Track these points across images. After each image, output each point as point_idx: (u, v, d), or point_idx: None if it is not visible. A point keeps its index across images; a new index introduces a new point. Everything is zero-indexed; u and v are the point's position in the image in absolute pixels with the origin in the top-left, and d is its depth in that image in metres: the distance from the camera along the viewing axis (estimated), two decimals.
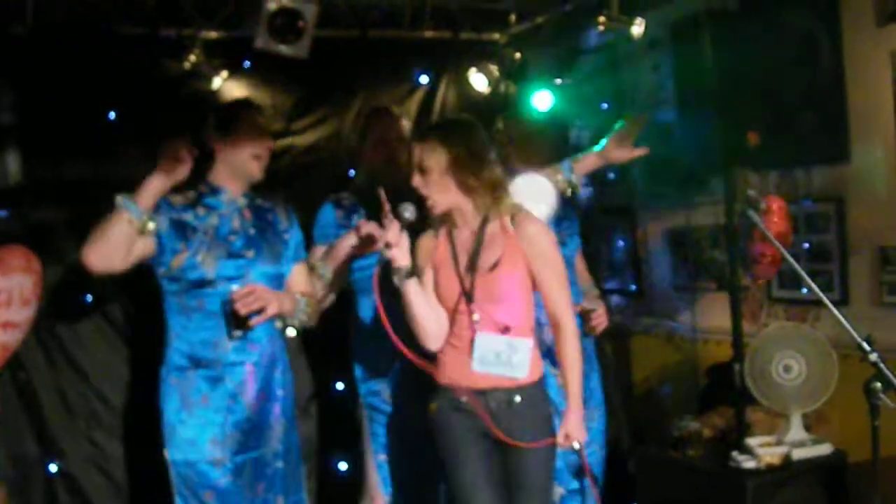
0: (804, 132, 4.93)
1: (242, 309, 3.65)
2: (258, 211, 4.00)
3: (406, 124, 4.41)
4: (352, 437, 4.57)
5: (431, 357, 3.63)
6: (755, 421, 4.70)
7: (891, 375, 2.40)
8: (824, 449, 4.54)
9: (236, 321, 3.74)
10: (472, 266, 3.47)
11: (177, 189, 3.76)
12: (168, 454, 3.79)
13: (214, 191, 3.89)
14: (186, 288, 3.76)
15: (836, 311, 2.59)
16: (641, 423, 5.88)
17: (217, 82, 5.00)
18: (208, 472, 3.76)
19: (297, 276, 4.06)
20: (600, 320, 4.46)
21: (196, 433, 3.76)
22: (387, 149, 4.30)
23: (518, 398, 3.45)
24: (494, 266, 3.46)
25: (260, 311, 3.66)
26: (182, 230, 3.76)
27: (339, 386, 5.13)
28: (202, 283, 3.75)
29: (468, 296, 3.46)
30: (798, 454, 4.46)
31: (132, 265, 3.66)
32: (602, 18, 4.96)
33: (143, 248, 3.66)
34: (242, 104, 4.16)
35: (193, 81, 4.95)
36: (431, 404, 3.60)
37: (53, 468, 4.72)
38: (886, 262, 4.59)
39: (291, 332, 3.94)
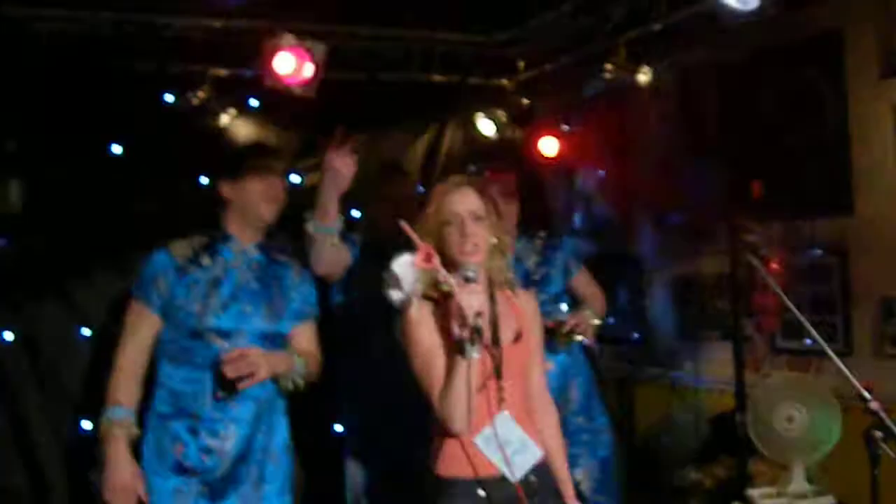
0: (808, 183, 4.95)
1: (230, 373, 3.56)
2: (269, 265, 3.90)
3: (414, 182, 4.44)
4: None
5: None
6: (757, 472, 4.67)
7: (891, 424, 2.38)
8: (826, 501, 4.50)
9: (223, 383, 3.64)
10: (496, 338, 3.11)
11: (184, 235, 3.76)
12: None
13: (225, 238, 3.81)
14: (178, 337, 3.69)
15: (835, 358, 2.58)
16: (643, 472, 5.83)
17: (225, 119, 5.02)
18: None
19: (302, 334, 3.95)
20: (583, 327, 4.27)
21: (168, 483, 3.66)
22: (394, 207, 4.18)
23: (533, 478, 3.11)
24: (517, 338, 3.19)
25: (250, 375, 3.59)
26: (184, 285, 3.70)
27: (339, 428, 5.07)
28: (195, 334, 3.68)
29: (498, 371, 3.06)
30: None
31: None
32: (609, 66, 4.99)
33: (153, 334, 3.70)
34: (249, 147, 4.13)
35: (201, 118, 4.96)
36: None
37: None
38: (889, 314, 4.59)
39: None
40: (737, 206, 4.93)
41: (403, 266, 3.12)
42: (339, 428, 4.80)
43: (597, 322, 4.46)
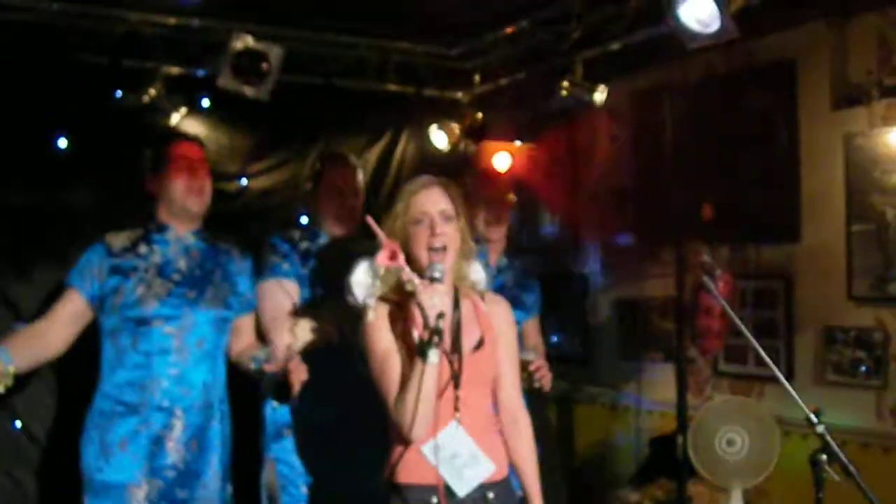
0: (757, 209, 4.98)
1: (296, 380, 3.48)
2: (209, 252, 3.88)
3: (361, 175, 4.30)
4: None
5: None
6: (696, 494, 4.67)
7: (836, 448, 2.39)
8: None
9: (279, 393, 3.63)
10: (456, 344, 3.00)
11: (120, 228, 3.72)
12: (85, 502, 3.64)
13: (160, 228, 3.78)
14: (122, 326, 3.64)
15: (783, 380, 2.59)
16: (582, 492, 5.82)
17: (175, 118, 4.95)
18: None
19: (248, 325, 3.95)
20: (544, 373, 4.06)
21: (114, 479, 3.59)
22: (340, 198, 4.10)
23: (491, 495, 3.00)
24: (479, 346, 3.07)
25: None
26: (122, 273, 3.66)
27: None
28: (139, 321, 3.64)
29: (456, 379, 2.95)
30: None
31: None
32: (565, 83, 5.00)
33: (81, 320, 3.67)
34: (170, 136, 4.06)
35: (151, 115, 4.89)
36: None
37: None
38: (831, 341, 4.63)
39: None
40: (686, 229, 4.95)
41: (362, 271, 3.06)
42: None
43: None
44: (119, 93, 4.80)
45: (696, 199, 5.09)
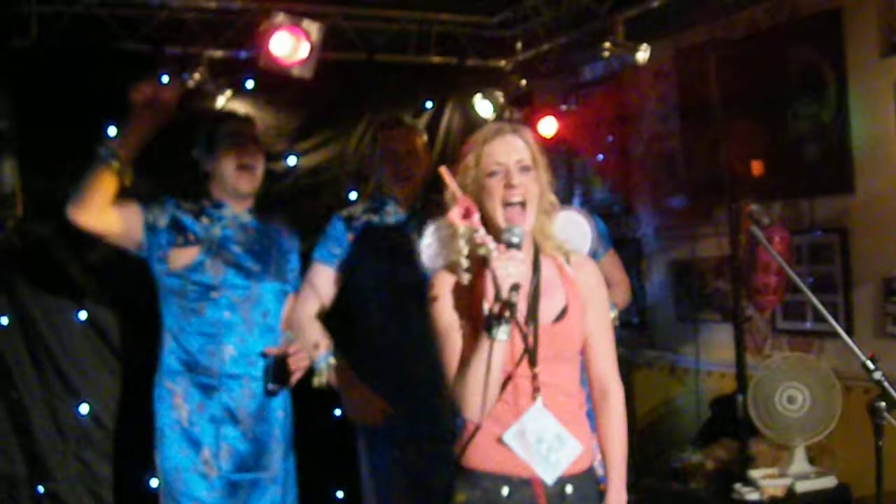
0: (808, 163, 4.92)
1: (294, 364, 3.68)
2: (263, 229, 3.96)
3: (422, 137, 4.26)
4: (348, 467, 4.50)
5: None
6: (759, 453, 4.65)
7: (895, 393, 2.36)
8: (828, 482, 4.48)
9: (277, 375, 3.72)
10: (534, 316, 2.71)
11: (185, 199, 3.81)
12: (158, 459, 3.73)
13: (217, 205, 3.86)
14: (188, 290, 3.73)
15: (840, 330, 2.56)
16: (644, 456, 5.81)
17: (221, 101, 4.99)
18: (195, 482, 3.69)
19: (290, 304, 4.02)
20: None
21: (189, 441, 3.71)
22: (399, 161, 4.07)
23: (570, 489, 2.73)
24: (561, 316, 2.77)
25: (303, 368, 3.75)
26: (182, 230, 3.74)
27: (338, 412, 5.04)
28: (207, 288, 3.72)
29: (532, 355, 2.66)
30: (802, 487, 4.41)
31: (118, 237, 3.65)
32: (607, 44, 4.96)
33: (130, 222, 3.64)
34: (222, 116, 4.13)
35: (197, 100, 4.92)
36: (458, 495, 2.77)
37: (41, 489, 4.61)
38: (890, 292, 4.56)
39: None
40: (737, 187, 4.90)
41: (431, 234, 2.82)
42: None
43: (614, 314, 4.32)
44: (165, 79, 4.83)
45: (746, 155, 5.03)
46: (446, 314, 2.72)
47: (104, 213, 3.52)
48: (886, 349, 4.46)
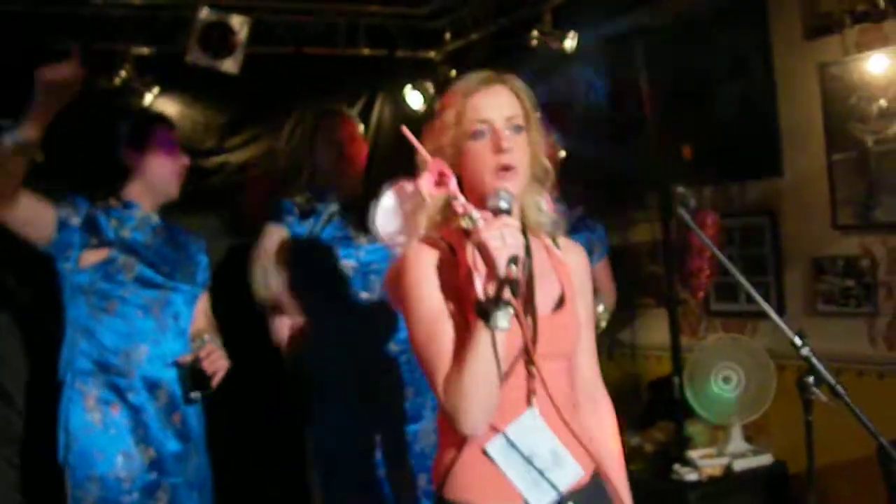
0: (737, 146, 4.98)
1: (210, 367, 3.58)
2: (171, 231, 3.89)
3: (358, 125, 4.36)
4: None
5: None
6: (695, 433, 4.71)
7: (822, 369, 2.40)
8: (765, 459, 4.56)
9: (196, 382, 3.62)
10: (531, 303, 2.22)
11: (96, 198, 3.70)
12: (67, 467, 3.56)
13: (126, 206, 3.75)
14: (98, 288, 3.61)
15: (769, 309, 2.58)
16: None
17: (148, 98, 4.91)
18: (115, 488, 3.54)
19: (201, 305, 3.97)
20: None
21: (104, 444, 3.57)
22: (341, 149, 4.23)
23: None
24: (559, 305, 2.33)
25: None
26: (96, 230, 3.62)
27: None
28: (117, 285, 3.62)
29: (529, 350, 2.17)
30: (739, 465, 4.48)
31: (25, 225, 3.45)
32: (535, 33, 4.98)
33: (40, 211, 3.47)
34: (158, 118, 4.06)
35: (124, 97, 4.85)
36: None
37: None
38: (820, 272, 4.63)
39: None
40: (667, 172, 4.94)
41: (388, 207, 2.42)
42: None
43: (603, 323, 4.45)
44: (91, 76, 4.76)
45: (676, 141, 5.08)
46: (430, 297, 2.20)
47: (14, 196, 3.36)
48: (817, 327, 4.54)
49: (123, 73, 4.78)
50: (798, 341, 2.43)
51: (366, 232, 4.21)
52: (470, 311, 2.10)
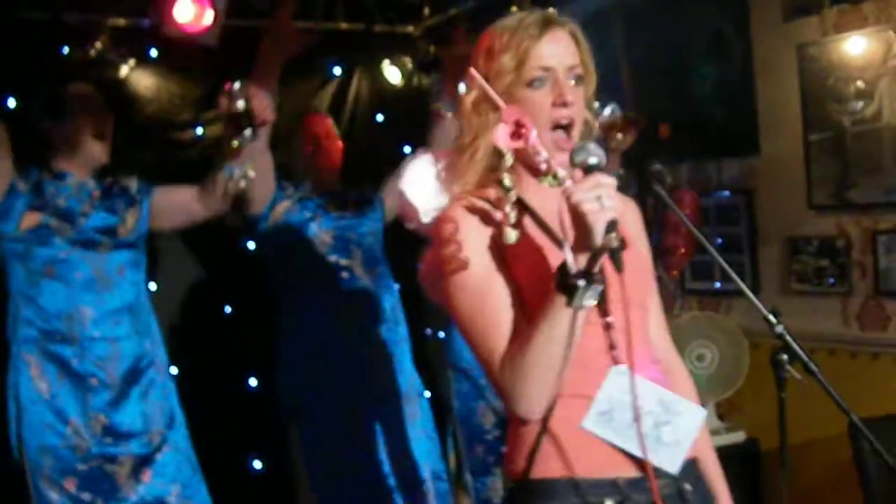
0: (715, 125, 5.00)
1: (259, 109, 3.41)
2: (111, 192, 3.81)
3: (332, 122, 4.50)
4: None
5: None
6: None
7: (796, 346, 2.41)
8: (738, 437, 4.60)
9: (244, 121, 3.40)
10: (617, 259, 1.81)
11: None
12: (22, 437, 3.50)
13: (58, 176, 3.69)
14: (33, 254, 3.55)
15: (743, 287, 2.59)
16: None
17: (124, 71, 4.86)
18: (69, 457, 3.48)
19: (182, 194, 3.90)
20: None
21: (54, 414, 3.50)
22: (318, 144, 4.31)
23: (688, 486, 1.99)
24: (623, 246, 1.83)
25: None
26: (41, 196, 3.59)
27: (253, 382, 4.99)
28: (52, 251, 3.56)
29: (602, 295, 1.83)
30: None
31: None
32: (514, 8, 4.94)
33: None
34: (66, 78, 3.98)
35: (99, 70, 4.79)
36: None
37: None
38: (795, 251, 4.67)
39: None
40: (644, 149, 4.95)
41: (418, 175, 2.33)
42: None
43: None
44: (65, 49, 4.71)
45: (654, 118, 5.08)
46: (478, 265, 1.95)
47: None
48: (791, 305, 4.58)
49: (99, 45, 4.72)
50: (772, 319, 2.44)
51: (342, 207, 4.23)
52: (527, 287, 1.91)
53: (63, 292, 3.56)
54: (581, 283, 1.72)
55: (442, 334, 5.00)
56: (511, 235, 1.87)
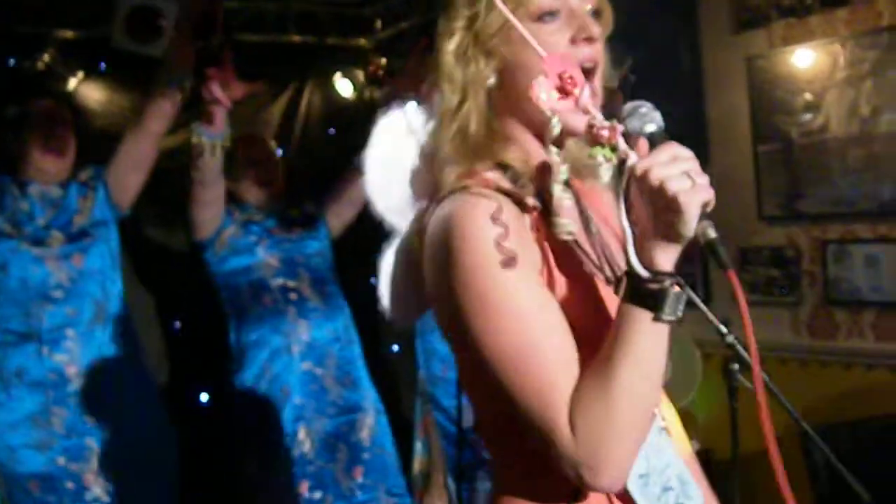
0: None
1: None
2: (69, 193, 3.78)
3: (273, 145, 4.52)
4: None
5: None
6: None
7: (746, 355, 2.43)
8: (691, 447, 4.60)
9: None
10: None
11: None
12: None
13: (22, 185, 3.69)
14: None
15: (694, 297, 2.61)
16: None
17: (73, 83, 4.81)
18: (31, 458, 3.45)
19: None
20: None
21: (13, 414, 3.47)
22: (258, 168, 4.28)
23: None
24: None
25: None
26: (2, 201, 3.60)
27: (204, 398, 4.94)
28: (4, 249, 3.54)
29: None
30: None
31: None
32: None
33: None
34: (28, 93, 4.02)
35: (47, 83, 4.74)
36: None
37: None
38: (745, 261, 4.71)
39: None
40: None
41: (385, 153, 1.68)
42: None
43: None
44: (12, 60, 4.65)
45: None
46: (525, 287, 1.41)
47: None
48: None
49: (46, 58, 4.67)
50: (723, 329, 2.45)
51: (286, 229, 4.22)
52: (579, 303, 1.45)
53: (17, 292, 3.53)
54: (672, 286, 1.38)
55: (396, 348, 5.01)
56: (567, 226, 1.43)
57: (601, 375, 1.37)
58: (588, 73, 1.52)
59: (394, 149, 1.65)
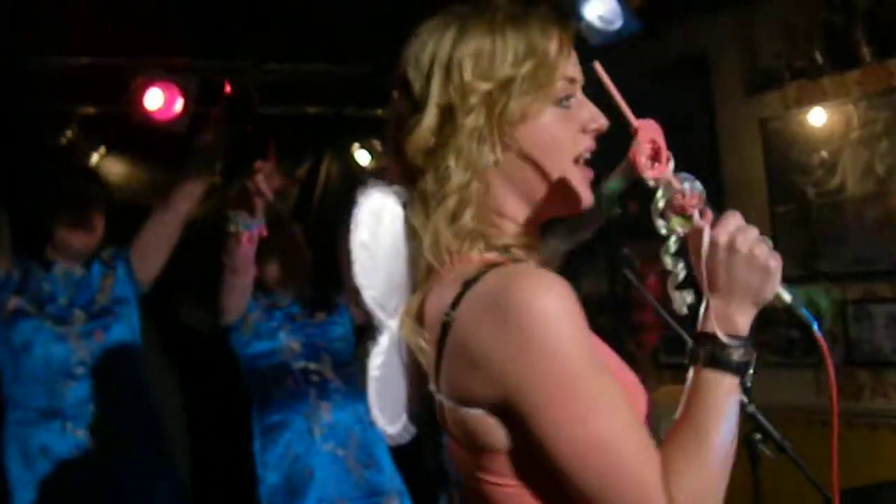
0: None
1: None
2: (91, 273, 3.83)
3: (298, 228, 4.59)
4: None
5: None
6: None
7: (768, 426, 2.44)
8: None
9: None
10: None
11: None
12: None
13: (47, 265, 3.73)
14: (12, 333, 3.56)
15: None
16: None
17: (95, 158, 4.88)
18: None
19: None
20: None
21: (40, 494, 3.48)
22: (281, 258, 4.31)
23: None
24: None
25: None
26: (25, 282, 3.63)
27: None
28: (29, 327, 3.57)
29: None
30: None
31: None
32: None
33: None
34: (62, 171, 4.07)
35: (71, 157, 4.81)
36: None
37: None
38: (766, 323, 4.69)
39: None
40: (613, 227, 4.99)
41: (372, 227, 1.59)
42: None
43: None
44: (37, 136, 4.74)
45: (621, 195, 5.13)
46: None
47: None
48: (765, 378, 4.54)
49: (69, 134, 4.75)
50: (744, 399, 2.46)
51: (309, 315, 4.24)
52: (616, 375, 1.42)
53: (40, 367, 3.56)
54: (749, 352, 1.41)
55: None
56: (685, 298, 1.45)
57: (694, 445, 1.40)
58: (587, 162, 1.57)
59: (372, 235, 1.56)
